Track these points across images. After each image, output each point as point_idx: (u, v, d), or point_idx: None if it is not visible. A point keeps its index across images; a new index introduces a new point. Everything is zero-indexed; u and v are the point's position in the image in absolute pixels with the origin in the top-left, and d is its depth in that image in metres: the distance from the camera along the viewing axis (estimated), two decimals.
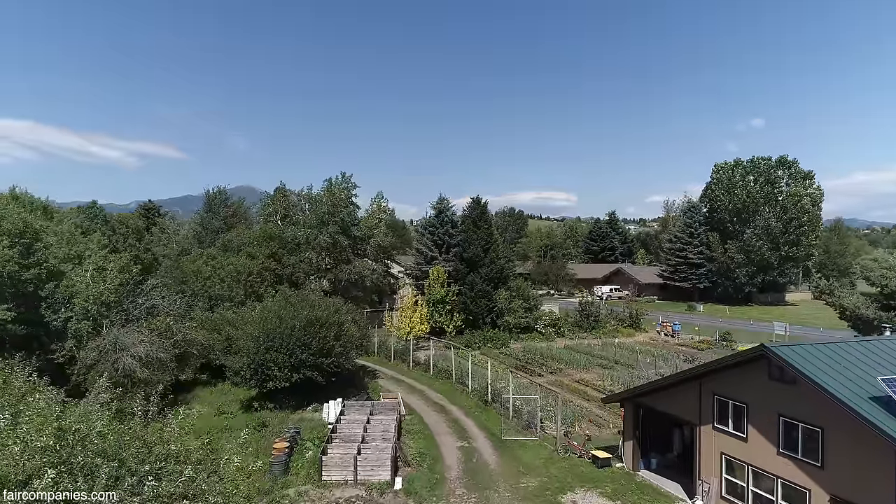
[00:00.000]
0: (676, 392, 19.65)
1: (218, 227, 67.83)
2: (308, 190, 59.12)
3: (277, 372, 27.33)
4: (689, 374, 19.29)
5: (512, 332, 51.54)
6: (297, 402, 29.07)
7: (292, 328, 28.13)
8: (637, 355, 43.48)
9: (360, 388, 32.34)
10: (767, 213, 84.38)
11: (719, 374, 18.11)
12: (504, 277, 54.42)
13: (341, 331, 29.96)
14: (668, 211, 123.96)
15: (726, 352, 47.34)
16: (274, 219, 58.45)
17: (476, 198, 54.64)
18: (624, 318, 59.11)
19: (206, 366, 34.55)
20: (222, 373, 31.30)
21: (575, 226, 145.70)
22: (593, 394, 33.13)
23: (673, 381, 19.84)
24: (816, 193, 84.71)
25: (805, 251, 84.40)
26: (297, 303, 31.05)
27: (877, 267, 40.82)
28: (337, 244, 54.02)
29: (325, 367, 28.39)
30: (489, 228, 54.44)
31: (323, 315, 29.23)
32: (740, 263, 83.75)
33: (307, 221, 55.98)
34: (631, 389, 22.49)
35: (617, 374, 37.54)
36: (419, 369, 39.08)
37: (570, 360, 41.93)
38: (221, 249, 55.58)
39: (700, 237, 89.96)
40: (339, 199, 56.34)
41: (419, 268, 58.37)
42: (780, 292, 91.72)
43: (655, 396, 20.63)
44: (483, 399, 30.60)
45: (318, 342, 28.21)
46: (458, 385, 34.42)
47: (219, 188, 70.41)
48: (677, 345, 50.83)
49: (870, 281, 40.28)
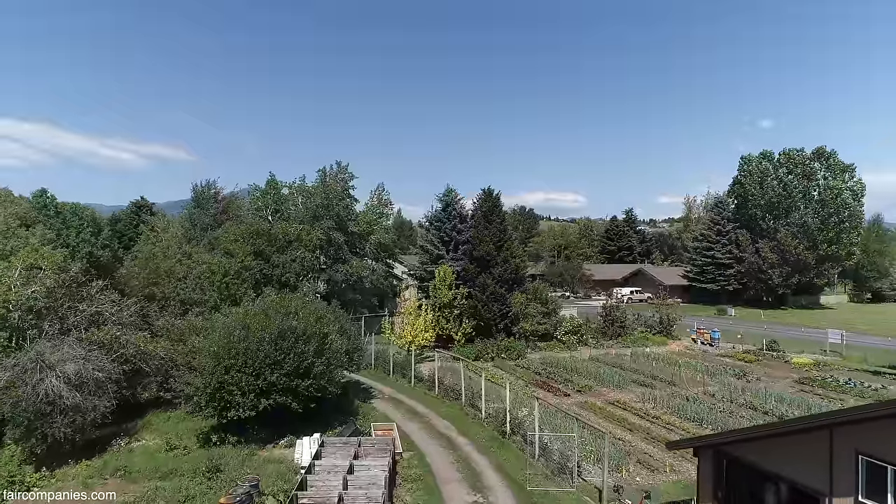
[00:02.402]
0: (788, 444, 13.58)
1: (207, 224, 62.28)
2: (301, 181, 53.36)
3: (240, 398, 21.50)
4: (812, 423, 13.19)
5: (529, 340, 45.55)
6: (268, 434, 23.23)
7: (260, 342, 22.28)
8: (678, 369, 37.31)
9: (348, 414, 26.41)
10: (804, 209, 77.74)
11: (869, 424, 12.01)
12: (519, 279, 48.44)
13: (324, 344, 24.07)
14: (690, 208, 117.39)
15: (778, 363, 41.28)
16: (264, 213, 52.72)
17: (487, 189, 48.73)
18: (654, 325, 52.89)
19: (167, 384, 28.75)
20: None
21: (590, 224, 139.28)
22: (634, 420, 27.12)
23: (783, 430, 13.75)
24: (858, 187, 78.02)
25: (846, 249, 77.71)
26: (274, 307, 25.20)
27: None
28: (332, 241, 48.26)
29: (302, 390, 22.54)
30: (502, 223, 48.49)
31: (300, 325, 23.34)
32: (773, 263, 77.14)
33: (299, 216, 50.27)
34: (713, 436, 16.42)
35: (658, 393, 31.48)
36: (422, 386, 33.16)
37: (600, 376, 35.88)
38: (208, 248, 50.21)
39: (728, 235, 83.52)
40: (335, 190, 50.64)
41: (424, 268, 52.53)
42: (814, 295, 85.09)
43: (751, 447, 14.57)
44: (500, 430, 24.62)
45: (294, 360, 22.36)
46: (469, 408, 28.46)
47: (208, 181, 64.73)
48: (718, 355, 44.62)
49: None
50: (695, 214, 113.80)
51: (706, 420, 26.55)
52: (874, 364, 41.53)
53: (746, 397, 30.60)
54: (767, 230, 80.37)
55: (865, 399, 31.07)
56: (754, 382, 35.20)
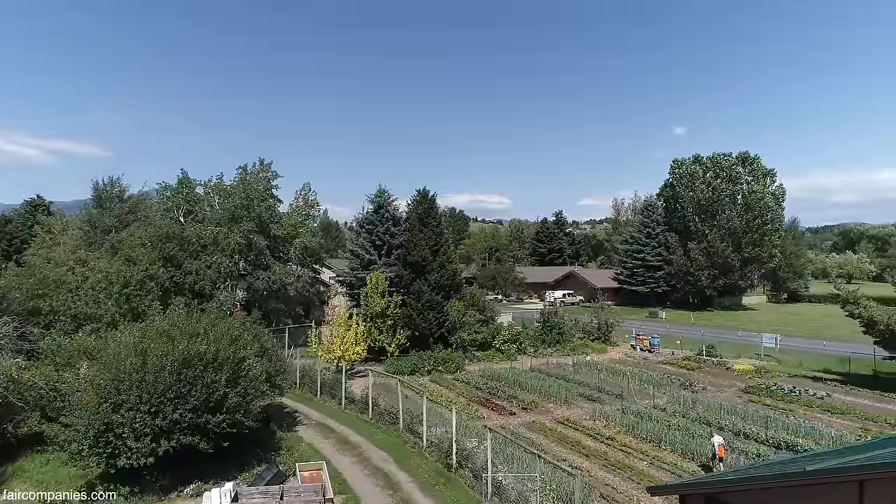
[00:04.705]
0: (807, 498, 11.41)
1: (110, 226, 56.24)
2: (218, 180, 48.68)
3: (133, 442, 17.60)
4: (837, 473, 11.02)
5: (466, 350, 43.02)
6: (170, 481, 19.31)
7: (160, 371, 18.44)
8: (625, 380, 35.70)
9: (269, 448, 22.81)
10: (730, 212, 79.43)
11: None
12: (456, 285, 45.84)
13: (240, 371, 20.43)
14: (618, 211, 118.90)
15: (720, 370, 40.56)
16: (175, 215, 47.66)
17: (423, 190, 45.81)
18: (592, 330, 51.62)
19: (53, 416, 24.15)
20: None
21: (520, 226, 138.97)
22: (589, 443, 24.94)
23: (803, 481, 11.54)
24: (778, 191, 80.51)
25: (768, 252, 79.98)
26: (179, 328, 21.27)
27: None
28: (253, 245, 44.02)
29: (212, 427, 18.87)
30: (439, 227, 45.70)
31: (210, 349, 19.61)
32: (702, 265, 78.33)
33: (216, 218, 45.69)
34: (707, 482, 14.00)
35: (608, 409, 29.55)
36: (354, 408, 29.82)
37: (544, 390, 33.70)
38: (111, 253, 44.86)
39: (658, 237, 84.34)
40: (256, 190, 46.37)
41: (354, 274, 49.00)
42: (737, 296, 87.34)
43: (756, 497, 12.35)
44: (445, 462, 21.73)
45: (202, 391, 18.66)
46: (408, 435, 25.44)
47: (111, 179, 58.60)
48: (660, 362, 43.61)
49: None
50: (623, 217, 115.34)
51: (665, 441, 24.73)
52: (809, 368, 41.67)
53: (699, 411, 29.15)
54: (696, 232, 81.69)
55: (814, 409, 30.39)
56: (701, 392, 34.04)
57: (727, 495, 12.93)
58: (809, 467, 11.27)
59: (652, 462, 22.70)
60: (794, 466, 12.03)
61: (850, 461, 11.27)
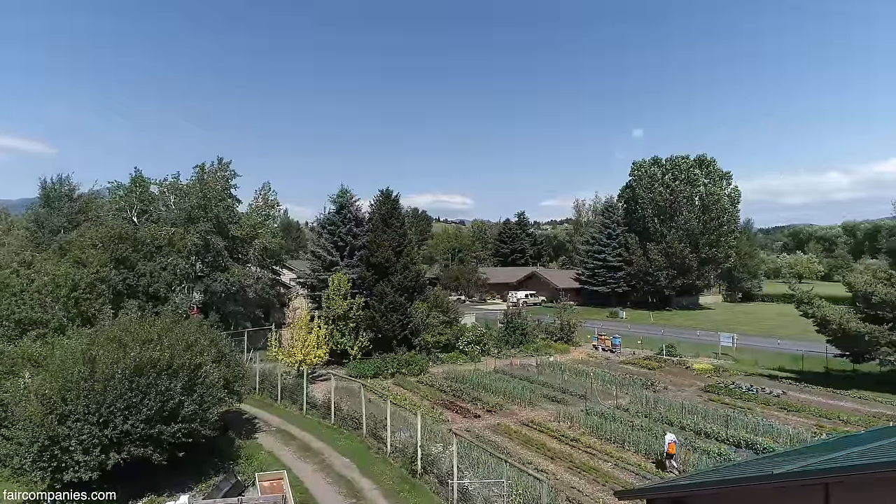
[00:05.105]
0: (771, 499, 11.43)
1: (59, 226, 53.98)
2: (174, 178, 47.16)
3: (81, 455, 16.70)
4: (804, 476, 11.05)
5: (430, 352, 42.69)
6: (122, 495, 18.35)
7: (110, 379, 17.56)
8: (588, 381, 35.89)
9: (226, 457, 22.02)
10: (688, 214, 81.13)
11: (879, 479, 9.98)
12: (420, 286, 45.45)
13: (196, 378, 19.63)
14: (580, 211, 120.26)
15: (680, 370, 41.18)
16: (128, 215, 45.96)
17: (386, 190, 45.24)
18: (554, 331, 51.90)
19: None
20: None
21: (483, 227, 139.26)
22: (554, 445, 24.89)
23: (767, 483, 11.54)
24: (734, 193, 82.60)
25: (724, 252, 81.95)
26: (131, 334, 20.35)
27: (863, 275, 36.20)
28: (210, 246, 42.77)
29: (167, 438, 18.07)
30: (402, 227, 45.23)
31: (164, 356, 18.78)
32: (661, 266, 79.79)
33: (171, 218, 44.25)
34: (673, 485, 13.92)
35: (572, 410, 29.61)
36: (316, 414, 29.15)
37: (509, 391, 33.62)
38: (60, 254, 43.03)
39: (619, 238, 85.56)
40: (214, 189, 45.09)
41: (316, 275, 48.08)
42: (694, 296, 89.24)
43: (722, 499, 12.34)
44: (410, 468, 21.33)
45: (156, 400, 17.85)
46: (372, 440, 24.95)
47: (60, 177, 56.25)
48: (621, 362, 44.07)
49: (853, 288, 34.99)
50: (584, 218, 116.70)
51: (628, 441, 24.86)
52: (765, 367, 42.66)
53: (661, 410, 29.46)
54: (655, 233, 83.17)
55: (771, 407, 31.04)
56: (662, 392, 34.47)
57: (693, 498, 12.94)
58: (777, 470, 11.30)
59: (616, 463, 22.77)
60: (761, 469, 12.05)
61: (814, 463, 11.31)
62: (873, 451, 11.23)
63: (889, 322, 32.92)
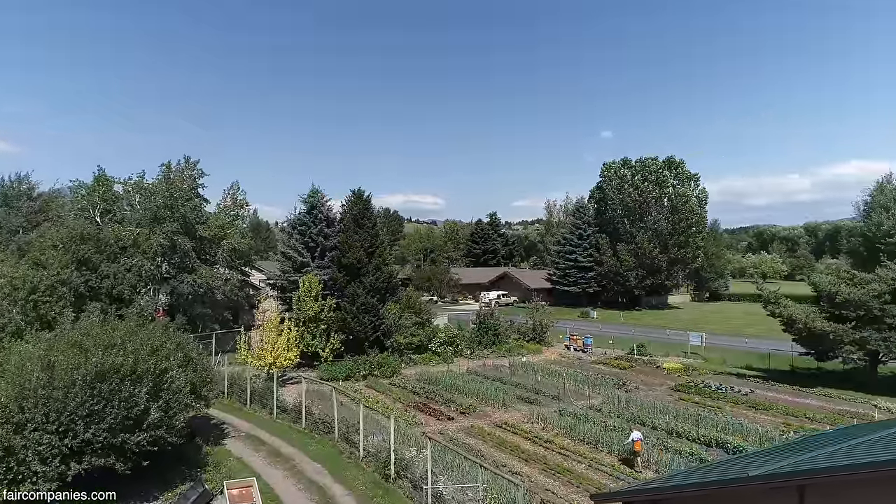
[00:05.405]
0: (747, 500, 11.44)
1: (17, 226, 52.28)
2: (140, 177, 45.96)
3: (39, 465, 15.99)
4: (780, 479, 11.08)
5: (403, 353, 42.36)
6: None
7: (71, 386, 16.87)
8: (561, 381, 35.99)
9: (194, 465, 21.39)
10: (657, 214, 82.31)
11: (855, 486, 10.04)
12: (392, 287, 45.09)
13: (161, 383, 19.02)
14: (551, 212, 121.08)
15: (651, 369, 41.58)
16: (91, 215, 44.66)
17: (358, 190, 44.78)
18: (527, 331, 52.00)
19: None
20: None
21: (455, 227, 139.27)
22: (528, 447, 24.81)
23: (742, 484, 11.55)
24: (702, 194, 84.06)
25: (692, 253, 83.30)
26: (93, 338, 19.62)
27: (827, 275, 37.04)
28: (177, 247, 41.77)
29: (131, 446, 17.44)
30: (374, 228, 44.79)
31: (128, 361, 18.14)
32: (630, 266, 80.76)
33: (136, 218, 43.13)
34: (649, 488, 13.87)
35: (546, 411, 29.62)
36: (287, 418, 28.60)
37: (482, 392, 33.51)
38: (19, 255, 41.65)
39: (589, 239, 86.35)
40: (181, 189, 44.07)
41: (286, 277, 47.33)
42: (663, 295, 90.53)
43: (697, 501, 12.33)
44: (383, 472, 21.00)
45: (120, 407, 17.21)
46: (344, 444, 24.54)
47: (19, 175, 54.49)
48: (593, 362, 44.34)
49: (818, 288, 35.75)
50: (555, 218, 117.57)
51: (602, 442, 24.92)
52: (733, 365, 43.35)
53: (633, 410, 29.64)
54: (625, 234, 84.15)
55: (740, 405, 31.49)
56: (634, 392, 34.73)
57: (670, 501, 12.92)
58: (752, 472, 11.32)
59: (590, 465, 22.78)
60: (737, 471, 12.08)
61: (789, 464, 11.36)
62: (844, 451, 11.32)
63: (852, 321, 33.74)
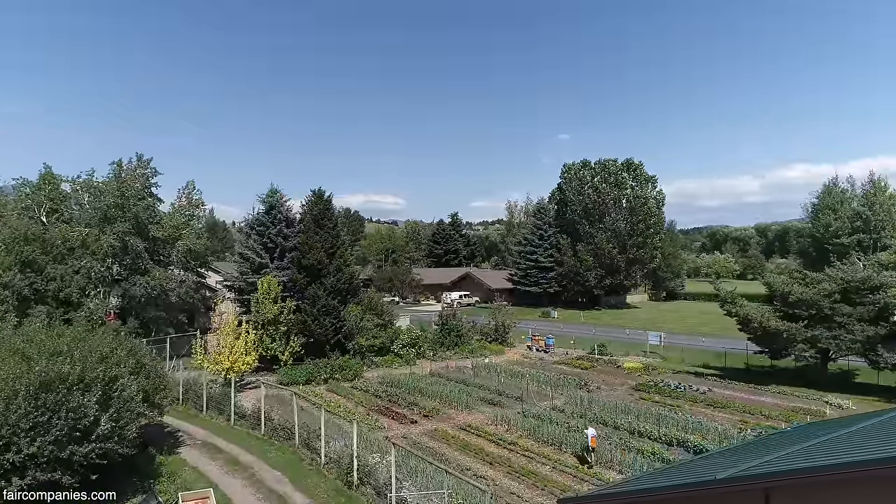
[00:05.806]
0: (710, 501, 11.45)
1: None
2: (89, 176, 44.16)
3: None
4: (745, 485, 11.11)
5: (365, 356, 41.80)
6: None
7: (12, 396, 15.92)
8: (524, 382, 36.03)
9: (146, 476, 20.50)
10: (616, 215, 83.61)
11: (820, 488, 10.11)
12: (354, 288, 44.45)
13: (111, 392, 18.15)
14: (512, 213, 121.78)
15: (611, 369, 42.05)
16: (36, 214, 42.67)
17: (318, 190, 43.98)
18: (489, 332, 52.02)
19: None
20: None
21: (417, 227, 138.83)
22: (492, 450, 24.64)
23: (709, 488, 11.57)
24: (660, 196, 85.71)
25: (650, 253, 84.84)
26: (37, 345, 18.60)
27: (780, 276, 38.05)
28: (129, 248, 40.26)
29: (79, 459, 16.56)
30: (335, 229, 44.07)
31: (75, 369, 17.23)
32: (590, 266, 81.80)
33: (85, 218, 41.42)
34: (616, 492, 13.78)
35: (509, 413, 29.56)
36: (245, 424, 27.78)
37: (445, 395, 33.26)
38: None
39: (550, 239, 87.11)
40: (133, 188, 42.52)
41: (244, 278, 46.23)
42: (621, 295, 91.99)
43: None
44: (346, 479, 20.54)
45: (66, 419, 16.31)
46: (305, 451, 23.94)
47: None
48: (555, 362, 44.60)
49: (772, 288, 36.69)
50: (516, 219, 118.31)
51: (565, 443, 24.95)
52: (691, 364, 44.19)
53: (595, 411, 29.83)
54: (585, 234, 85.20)
55: (698, 404, 32.04)
56: (596, 392, 35.01)
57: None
58: (720, 475, 11.34)
59: (555, 466, 22.74)
60: (704, 473, 12.10)
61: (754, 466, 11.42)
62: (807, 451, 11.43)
63: (804, 320, 34.76)
